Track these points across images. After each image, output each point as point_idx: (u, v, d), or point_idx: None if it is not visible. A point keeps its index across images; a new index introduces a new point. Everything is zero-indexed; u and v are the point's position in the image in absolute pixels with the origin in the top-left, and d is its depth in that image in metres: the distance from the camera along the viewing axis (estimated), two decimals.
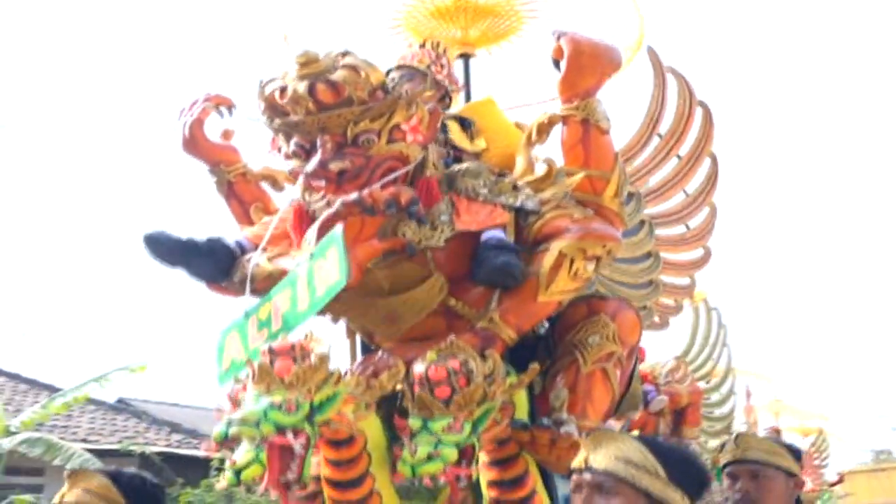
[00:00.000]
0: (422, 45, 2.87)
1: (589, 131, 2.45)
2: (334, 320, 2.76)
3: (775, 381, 10.25)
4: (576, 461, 1.87)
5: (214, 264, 2.43)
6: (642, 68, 3.04)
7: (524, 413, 2.40)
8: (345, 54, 2.21)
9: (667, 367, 4.85)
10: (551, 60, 2.50)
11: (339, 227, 2.10)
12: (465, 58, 3.27)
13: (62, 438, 9.33)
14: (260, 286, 2.31)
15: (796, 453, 2.91)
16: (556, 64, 2.48)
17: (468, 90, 3.22)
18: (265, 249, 2.38)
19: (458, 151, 2.76)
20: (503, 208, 2.41)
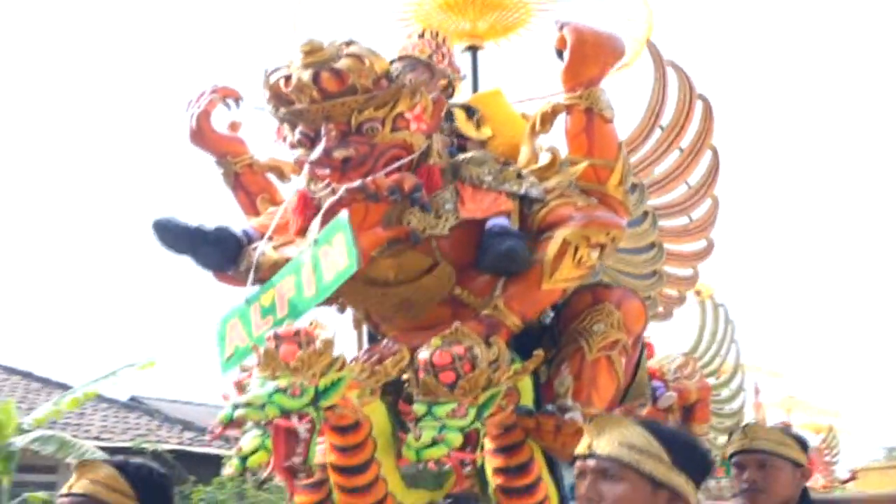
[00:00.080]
0: (420, 36, 2.88)
1: (592, 120, 2.44)
2: (341, 310, 2.78)
3: (786, 378, 10.22)
4: (579, 447, 1.86)
5: (222, 252, 2.44)
6: (646, 61, 3.06)
7: (529, 401, 2.39)
8: (349, 43, 2.23)
9: (675, 363, 4.83)
10: (555, 50, 2.50)
11: (345, 212, 2.11)
12: (474, 50, 3.26)
13: (75, 436, 9.39)
14: (265, 275, 2.31)
15: (803, 444, 2.91)
16: (560, 54, 2.48)
17: (475, 83, 3.22)
18: (271, 238, 2.39)
19: (462, 140, 2.77)
20: (507, 196, 2.41)
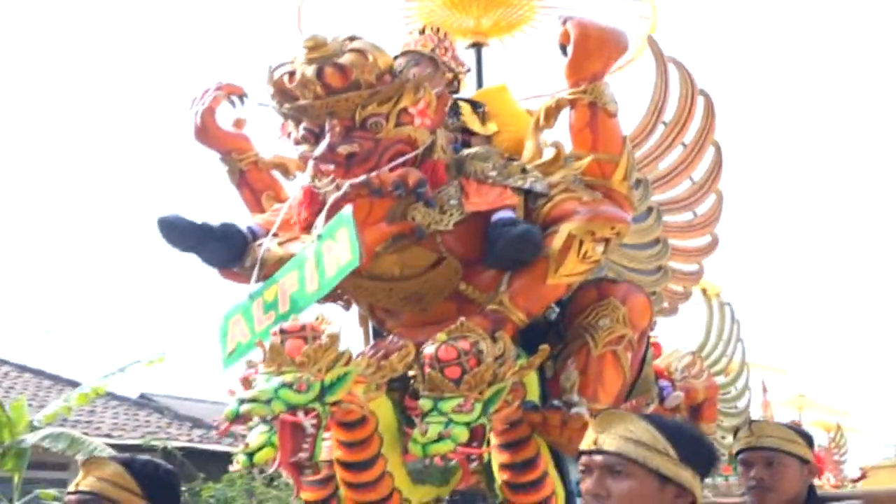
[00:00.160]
0: (421, 32, 2.87)
1: (597, 115, 2.44)
2: (346, 307, 2.78)
3: (794, 376, 10.19)
4: (585, 443, 1.84)
5: (228, 249, 2.45)
6: (648, 57, 3.05)
7: (535, 397, 2.39)
8: (352, 38, 2.23)
9: (683, 362, 4.81)
10: (558, 45, 2.50)
11: (349, 207, 2.11)
12: (478, 47, 3.26)
13: (86, 433, 9.41)
14: (270, 271, 2.31)
15: (810, 440, 2.90)
16: (563, 49, 2.48)
17: (480, 80, 3.22)
18: (276, 235, 2.39)
19: (468, 136, 2.77)
20: (512, 191, 2.41)
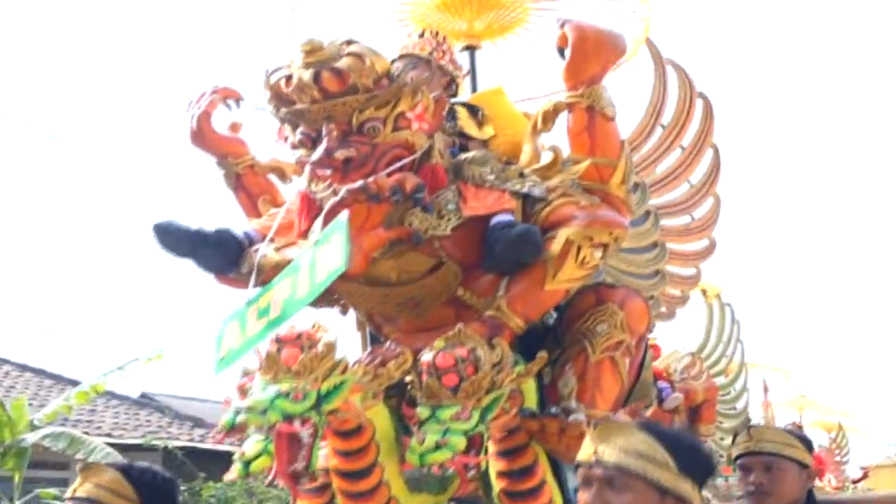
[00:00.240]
0: (420, 35, 2.85)
1: (594, 118, 2.42)
2: (343, 312, 2.77)
3: (794, 376, 10.18)
4: (583, 454, 1.82)
5: (223, 255, 2.43)
6: (645, 60, 3.03)
7: (533, 403, 2.38)
8: (349, 42, 2.21)
9: (682, 363, 4.80)
10: (556, 48, 2.48)
11: (345, 213, 2.09)
12: (471, 50, 3.22)
13: (86, 433, 9.41)
14: (267, 277, 2.29)
15: (808, 444, 2.89)
16: (561, 52, 2.47)
17: (474, 83, 3.19)
18: (273, 240, 2.38)
19: (465, 140, 2.75)
20: (510, 195, 2.39)
